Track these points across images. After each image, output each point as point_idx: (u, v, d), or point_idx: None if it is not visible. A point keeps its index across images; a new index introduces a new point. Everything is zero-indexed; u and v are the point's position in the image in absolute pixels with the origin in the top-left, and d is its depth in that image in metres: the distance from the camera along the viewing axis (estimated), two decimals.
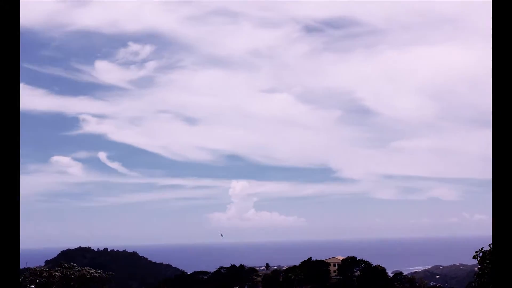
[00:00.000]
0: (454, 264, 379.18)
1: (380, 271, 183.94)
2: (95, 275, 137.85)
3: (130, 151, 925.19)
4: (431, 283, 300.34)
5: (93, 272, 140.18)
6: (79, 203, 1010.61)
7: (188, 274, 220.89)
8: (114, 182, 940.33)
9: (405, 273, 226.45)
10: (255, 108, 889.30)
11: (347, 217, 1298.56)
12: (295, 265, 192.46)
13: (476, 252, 32.21)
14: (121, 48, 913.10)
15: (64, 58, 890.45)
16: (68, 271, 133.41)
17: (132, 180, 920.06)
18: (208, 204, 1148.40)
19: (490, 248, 29.83)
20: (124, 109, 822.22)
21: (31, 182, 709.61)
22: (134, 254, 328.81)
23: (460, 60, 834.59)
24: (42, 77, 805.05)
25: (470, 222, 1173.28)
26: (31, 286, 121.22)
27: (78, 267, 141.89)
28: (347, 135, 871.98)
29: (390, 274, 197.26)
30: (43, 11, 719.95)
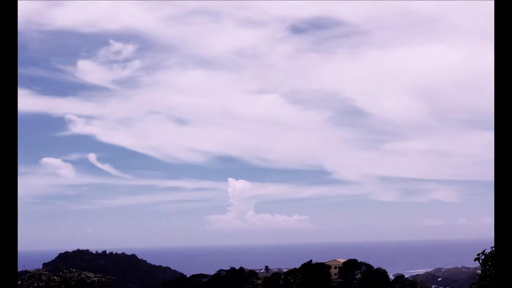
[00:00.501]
0: (456, 267, 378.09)
1: (382, 274, 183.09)
2: (94, 279, 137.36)
3: (121, 153, 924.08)
4: (433, 286, 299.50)
5: (92, 276, 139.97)
6: (74, 205, 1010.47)
7: (187, 276, 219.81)
8: (108, 184, 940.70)
9: (406, 276, 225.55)
10: (243, 109, 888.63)
11: (348, 219, 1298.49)
12: (295, 267, 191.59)
13: (478, 254, 31.34)
14: (102, 47, 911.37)
15: (44, 58, 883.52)
16: (67, 275, 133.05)
17: (126, 182, 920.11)
18: (206, 206, 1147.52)
19: (492, 251, 29.74)
20: (111, 109, 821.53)
21: (23, 184, 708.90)
22: (133, 257, 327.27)
23: (445, 60, 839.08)
24: (23, 77, 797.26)
25: (471, 224, 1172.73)
26: None
27: (76, 271, 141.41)
28: (340, 136, 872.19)
29: (392, 277, 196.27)
30: (18, 11, 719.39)
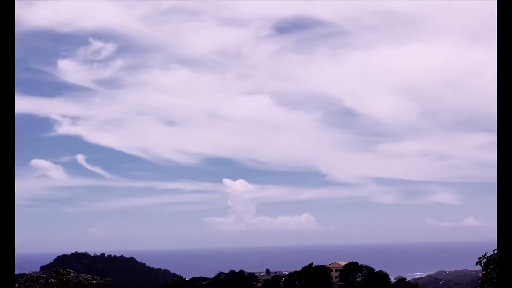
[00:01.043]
0: (458, 270, 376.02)
1: (383, 276, 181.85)
2: (92, 282, 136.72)
3: (110, 154, 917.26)
4: None
5: (90, 278, 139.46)
6: (68, 208, 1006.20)
7: (186, 279, 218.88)
8: (101, 186, 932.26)
9: (408, 279, 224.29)
10: (231, 110, 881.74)
11: (349, 221, 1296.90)
12: (296, 270, 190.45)
13: (479, 258, 30.81)
14: (81, 46, 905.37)
15: (22, 59, 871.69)
16: (65, 278, 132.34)
17: (119, 184, 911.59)
18: (204, 209, 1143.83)
19: (494, 254, 29.56)
20: (96, 110, 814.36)
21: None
22: (132, 260, 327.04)
23: (429, 60, 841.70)
24: None
25: (473, 227, 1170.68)
26: None
27: (74, 274, 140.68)
28: (332, 137, 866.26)
29: (393, 280, 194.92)
30: None
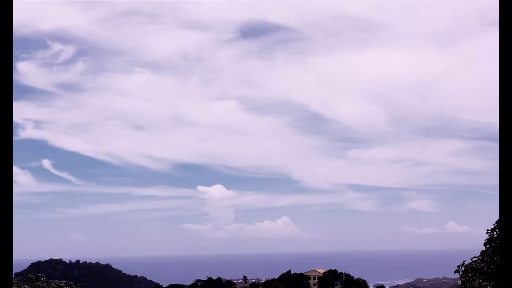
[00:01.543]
0: (436, 277, 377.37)
1: (362, 284, 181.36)
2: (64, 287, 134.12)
3: (76, 159, 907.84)
4: None
5: (63, 284, 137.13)
6: (40, 214, 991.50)
7: (163, 287, 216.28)
8: (71, 192, 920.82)
9: (387, 286, 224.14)
10: (196, 115, 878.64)
11: (326, 228, 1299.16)
12: (274, 278, 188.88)
13: (458, 266, 30.05)
14: (39, 49, 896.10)
15: None
16: (37, 283, 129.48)
17: (89, 190, 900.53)
18: (181, 215, 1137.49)
19: (472, 262, 29.53)
20: (60, 114, 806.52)
21: None
22: (108, 267, 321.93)
23: (391, 64, 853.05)
24: None
25: (450, 234, 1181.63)
26: None
27: (45, 279, 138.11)
28: (302, 143, 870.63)
29: None
30: None
